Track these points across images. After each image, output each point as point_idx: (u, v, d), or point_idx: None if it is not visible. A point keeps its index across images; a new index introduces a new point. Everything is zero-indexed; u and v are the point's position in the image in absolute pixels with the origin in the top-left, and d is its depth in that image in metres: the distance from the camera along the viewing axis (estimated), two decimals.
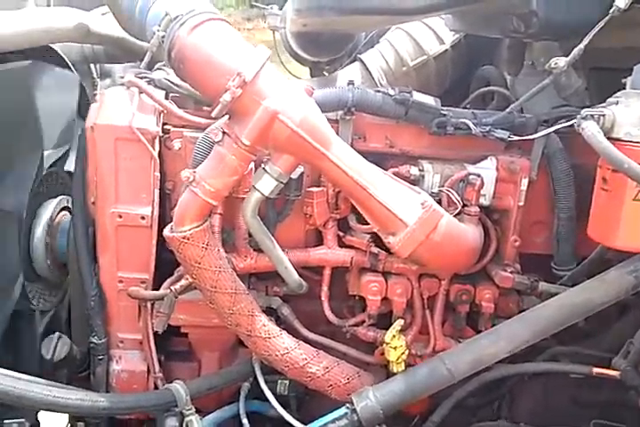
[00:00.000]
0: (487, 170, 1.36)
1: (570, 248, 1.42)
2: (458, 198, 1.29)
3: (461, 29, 1.63)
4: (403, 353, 1.34)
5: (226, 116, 1.14)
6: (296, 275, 1.32)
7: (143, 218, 1.32)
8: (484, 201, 1.36)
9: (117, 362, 1.40)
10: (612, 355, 1.38)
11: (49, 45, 1.51)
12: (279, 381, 1.47)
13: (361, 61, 1.90)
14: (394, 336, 1.32)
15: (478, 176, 1.31)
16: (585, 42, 1.18)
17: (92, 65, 1.89)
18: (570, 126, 1.25)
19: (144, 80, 1.33)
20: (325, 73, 2.15)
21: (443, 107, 1.38)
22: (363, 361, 1.45)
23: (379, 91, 1.34)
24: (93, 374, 1.38)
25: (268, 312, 1.39)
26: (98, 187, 1.30)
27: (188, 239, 1.14)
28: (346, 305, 1.55)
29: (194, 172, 1.13)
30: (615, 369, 1.33)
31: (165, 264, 1.38)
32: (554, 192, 1.40)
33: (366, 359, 1.45)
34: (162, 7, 1.07)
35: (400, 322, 1.35)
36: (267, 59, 1.06)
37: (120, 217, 1.31)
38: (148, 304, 1.36)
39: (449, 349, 1.38)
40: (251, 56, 1.05)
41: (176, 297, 1.29)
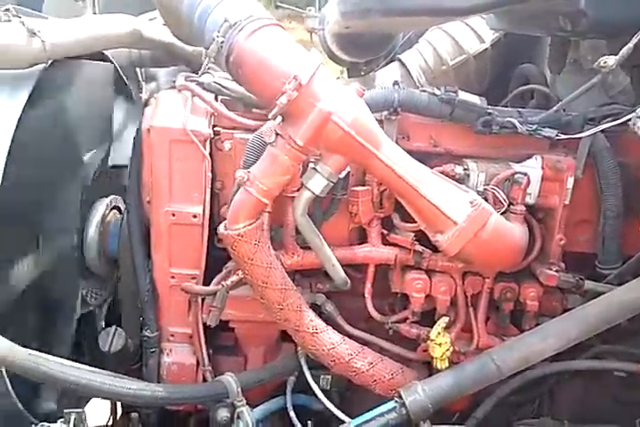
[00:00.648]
0: (532, 169, 1.36)
1: (615, 247, 1.41)
2: (504, 197, 1.30)
3: (504, 28, 1.63)
4: (447, 350, 1.35)
5: (274, 118, 1.17)
6: (342, 272, 1.35)
7: (195, 216, 1.36)
8: (530, 200, 1.36)
9: (168, 355, 1.45)
10: None
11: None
12: (322, 376, 1.51)
13: (400, 61, 1.92)
14: (439, 333, 1.34)
15: (525, 175, 1.32)
16: (634, 40, 1.17)
17: (138, 69, 1.95)
18: (618, 125, 1.24)
19: (195, 84, 1.37)
20: (362, 73, 2.17)
21: (488, 106, 1.39)
22: (404, 358, 1.47)
23: (424, 90, 1.36)
24: (145, 366, 1.44)
25: (312, 309, 1.42)
26: (153, 187, 1.36)
27: (242, 237, 1.18)
28: (386, 302, 1.57)
29: (248, 172, 1.16)
30: None
31: (213, 261, 1.43)
32: (600, 191, 1.39)
33: (409, 356, 1.47)
34: (221, 14, 1.11)
35: (445, 319, 1.37)
36: (320, 62, 1.09)
37: (173, 216, 1.36)
38: (199, 299, 1.41)
39: (492, 346, 1.40)
40: (305, 60, 1.08)
41: (227, 292, 1.33)
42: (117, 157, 1.70)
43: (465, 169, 1.36)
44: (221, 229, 1.22)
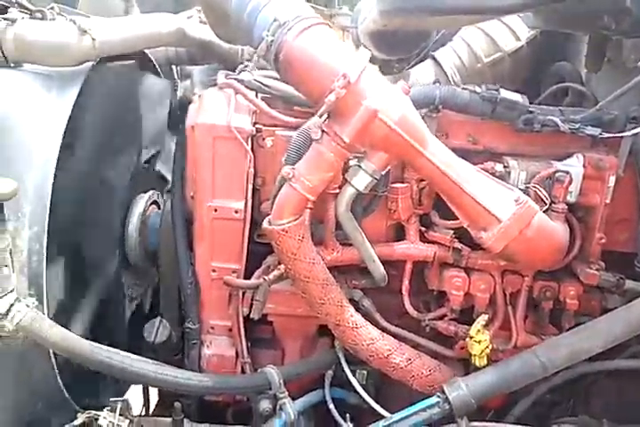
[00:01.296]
0: (574, 167, 1.36)
1: None
2: (546, 195, 1.30)
3: (543, 26, 1.62)
4: (486, 347, 1.36)
5: (315, 115, 1.19)
6: (382, 268, 1.36)
7: (236, 212, 1.39)
8: (570, 198, 1.36)
9: (208, 347, 1.48)
10: None
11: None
12: (358, 370, 1.53)
13: (434, 59, 1.91)
14: (478, 331, 1.35)
15: (567, 173, 1.32)
16: None
17: (174, 67, 1.98)
18: None
19: (237, 82, 1.39)
20: (395, 71, 2.17)
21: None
22: (441, 355, 1.48)
23: (466, 88, 1.36)
24: (187, 357, 1.47)
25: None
26: (197, 182, 1.38)
27: (287, 232, 1.20)
28: (422, 299, 1.58)
29: (293, 168, 1.18)
30: None
31: (252, 255, 1.45)
32: None
33: (446, 353, 1.48)
34: (270, 13, 1.12)
35: (484, 317, 1.38)
36: (368, 60, 1.10)
37: (215, 211, 1.39)
38: (239, 293, 1.44)
39: (530, 345, 1.40)
40: (353, 58, 1.10)
41: (269, 286, 1.35)
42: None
43: (505, 167, 1.36)
44: (265, 224, 1.24)
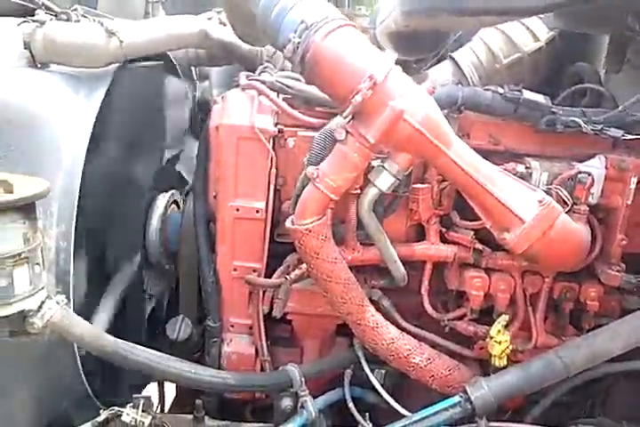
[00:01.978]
0: (596, 168, 1.36)
1: None
2: (568, 196, 1.30)
3: (564, 27, 1.62)
4: (507, 348, 1.36)
5: (338, 115, 1.19)
6: (403, 269, 1.37)
7: (258, 211, 1.40)
8: (592, 199, 1.36)
9: (228, 345, 1.50)
10: None
11: None
12: (376, 370, 1.53)
13: (452, 59, 1.91)
14: (499, 331, 1.35)
15: (589, 175, 1.31)
16: None
17: (193, 67, 1.99)
18: None
19: (259, 83, 1.41)
20: (413, 71, 2.17)
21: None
22: (460, 355, 1.49)
23: (488, 89, 1.36)
24: (208, 354, 1.49)
25: None
26: (220, 182, 1.40)
27: (310, 232, 1.21)
28: (440, 299, 1.58)
29: (317, 168, 1.19)
30: None
31: (272, 254, 1.46)
32: None
33: (465, 353, 1.48)
34: (297, 15, 1.13)
35: (505, 317, 1.38)
36: (394, 61, 1.10)
37: (237, 210, 1.40)
38: (260, 292, 1.45)
39: (550, 345, 1.40)
40: (380, 59, 1.10)
41: (291, 285, 1.36)
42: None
43: (527, 168, 1.36)
44: (289, 223, 1.24)
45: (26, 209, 1.00)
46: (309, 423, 1.30)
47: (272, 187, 1.40)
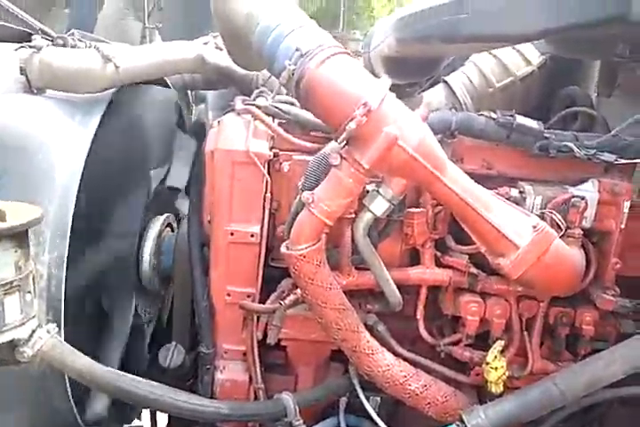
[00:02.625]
0: (589, 192, 1.37)
1: None
2: (562, 221, 1.31)
3: (555, 52, 1.65)
4: (503, 374, 1.35)
5: (333, 140, 1.20)
6: (398, 293, 1.36)
7: (252, 235, 1.39)
8: (585, 223, 1.36)
9: (222, 372, 1.47)
10: None
11: None
12: (371, 397, 1.51)
13: (445, 83, 1.94)
14: (495, 357, 1.34)
15: (582, 199, 1.32)
16: None
17: (189, 91, 2.01)
18: None
19: (255, 107, 1.42)
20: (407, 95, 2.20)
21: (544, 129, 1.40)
22: (455, 381, 1.47)
23: (482, 114, 1.38)
24: (201, 382, 1.46)
25: None
26: (214, 207, 1.39)
27: (305, 257, 1.20)
28: (434, 325, 1.57)
29: (312, 193, 1.19)
30: None
31: (266, 279, 1.45)
32: None
33: (461, 379, 1.47)
34: (292, 43, 1.15)
35: (501, 343, 1.37)
36: (388, 88, 1.11)
37: (232, 235, 1.39)
38: (254, 317, 1.43)
39: (547, 371, 1.39)
40: (374, 86, 1.11)
41: (285, 311, 1.35)
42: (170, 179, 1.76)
43: (521, 192, 1.37)
44: (283, 249, 1.24)
45: (18, 237, 0.99)
46: None
47: (267, 211, 1.40)
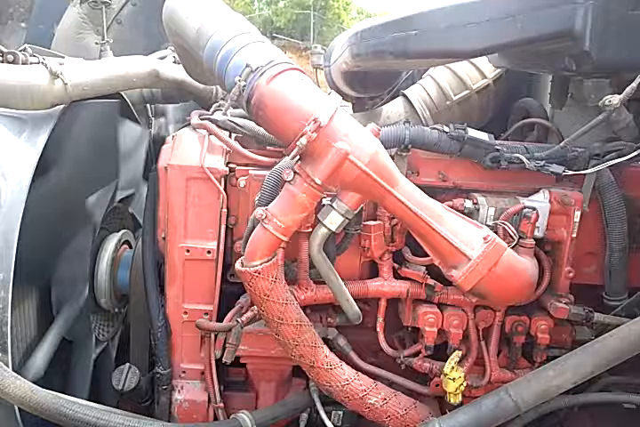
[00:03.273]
0: (541, 203, 1.39)
1: (622, 279, 1.44)
2: (514, 231, 1.33)
3: (507, 66, 1.69)
4: (461, 384, 1.35)
5: (294, 158, 1.20)
6: (356, 307, 1.35)
7: (209, 252, 1.38)
8: (538, 233, 1.39)
9: (179, 392, 1.44)
10: None
11: None
12: (333, 412, 1.50)
13: (404, 96, 1.97)
14: (452, 368, 1.34)
15: (534, 209, 1.35)
16: (638, 80, 1.22)
17: (148, 105, 1.99)
18: (624, 161, 1.28)
19: (210, 122, 1.40)
20: (367, 108, 2.22)
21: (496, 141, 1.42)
22: (416, 392, 1.47)
23: (435, 128, 1.40)
24: (157, 403, 1.42)
25: (324, 343, 1.41)
26: (169, 223, 1.37)
27: (259, 273, 1.19)
28: (396, 336, 1.57)
29: (266, 209, 1.18)
30: None
31: (224, 295, 1.43)
32: (605, 224, 1.43)
33: (421, 391, 1.47)
34: (242, 59, 1.14)
35: (458, 353, 1.37)
36: (339, 104, 1.12)
37: (188, 251, 1.37)
38: (212, 335, 1.41)
39: (504, 380, 1.40)
40: (324, 102, 1.12)
41: (242, 328, 1.33)
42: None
43: (475, 203, 1.39)
44: (238, 265, 1.22)
45: None
46: None
47: (223, 227, 1.38)
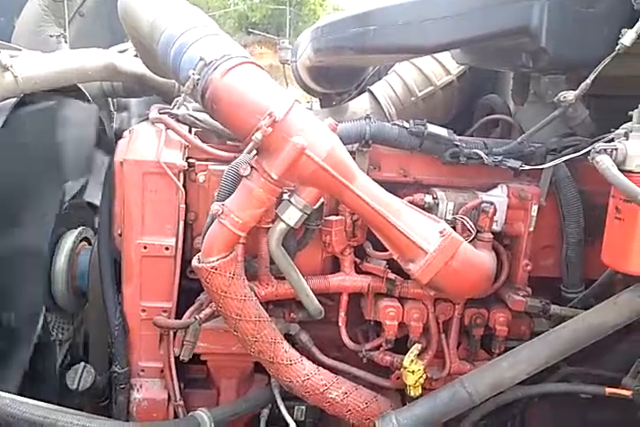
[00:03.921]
0: (498, 197, 1.41)
1: (579, 271, 1.47)
2: (472, 226, 1.34)
3: (469, 63, 1.71)
4: (420, 377, 1.37)
5: (250, 152, 1.18)
6: (317, 302, 1.35)
7: (167, 249, 1.35)
8: (496, 227, 1.41)
9: (138, 391, 1.42)
10: (621, 375, 1.41)
11: None
12: (296, 406, 1.50)
13: (370, 92, 1.97)
14: (412, 361, 1.35)
15: (491, 204, 1.36)
16: (592, 77, 1.25)
17: (110, 99, 1.94)
18: (579, 156, 1.31)
19: (169, 116, 1.38)
20: (334, 103, 2.22)
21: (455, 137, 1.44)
22: (378, 385, 1.48)
23: (395, 124, 1.40)
24: (115, 402, 1.40)
25: (286, 338, 1.41)
26: (125, 219, 1.34)
27: (216, 269, 1.18)
28: (359, 330, 1.58)
29: (223, 204, 1.17)
30: (626, 389, 1.37)
31: (184, 292, 1.41)
32: (562, 218, 1.46)
33: (383, 384, 1.48)
34: (196, 52, 1.12)
35: (418, 346, 1.39)
36: (295, 99, 1.11)
37: (145, 248, 1.35)
38: (171, 333, 1.39)
39: (464, 372, 1.42)
40: (280, 96, 1.11)
41: (200, 325, 1.31)
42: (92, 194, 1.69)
43: (434, 198, 1.40)
44: (195, 262, 1.21)
45: None
46: None
47: (182, 223, 1.36)
